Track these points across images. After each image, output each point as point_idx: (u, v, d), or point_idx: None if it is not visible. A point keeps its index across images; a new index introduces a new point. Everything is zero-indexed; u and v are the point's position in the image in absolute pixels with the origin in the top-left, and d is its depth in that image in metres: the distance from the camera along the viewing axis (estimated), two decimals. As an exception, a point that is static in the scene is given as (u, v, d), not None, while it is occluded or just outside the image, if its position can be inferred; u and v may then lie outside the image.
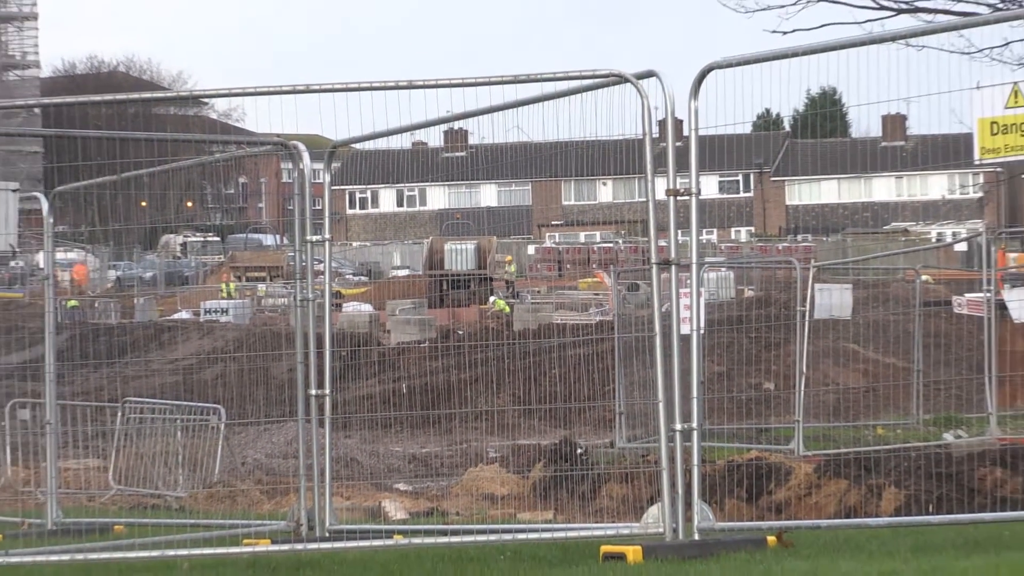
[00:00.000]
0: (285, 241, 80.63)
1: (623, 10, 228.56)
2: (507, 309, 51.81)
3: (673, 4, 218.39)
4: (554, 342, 29.39)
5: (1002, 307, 24.78)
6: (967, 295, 28.06)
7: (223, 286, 66.23)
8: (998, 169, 30.03)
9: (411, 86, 14.29)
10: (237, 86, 17.20)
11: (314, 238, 15.29)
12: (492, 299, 55.88)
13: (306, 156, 15.18)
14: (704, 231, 13.56)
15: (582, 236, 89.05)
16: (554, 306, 52.67)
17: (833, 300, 24.35)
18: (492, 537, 13.49)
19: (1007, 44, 20.33)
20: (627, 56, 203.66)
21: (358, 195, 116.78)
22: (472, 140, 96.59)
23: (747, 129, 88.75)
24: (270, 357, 24.96)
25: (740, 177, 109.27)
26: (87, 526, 16.65)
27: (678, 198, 12.70)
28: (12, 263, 57.85)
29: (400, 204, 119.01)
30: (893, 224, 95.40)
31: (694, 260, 13.07)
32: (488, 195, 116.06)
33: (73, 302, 52.38)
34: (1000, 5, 21.12)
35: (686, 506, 12.47)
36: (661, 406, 12.58)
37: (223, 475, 20.78)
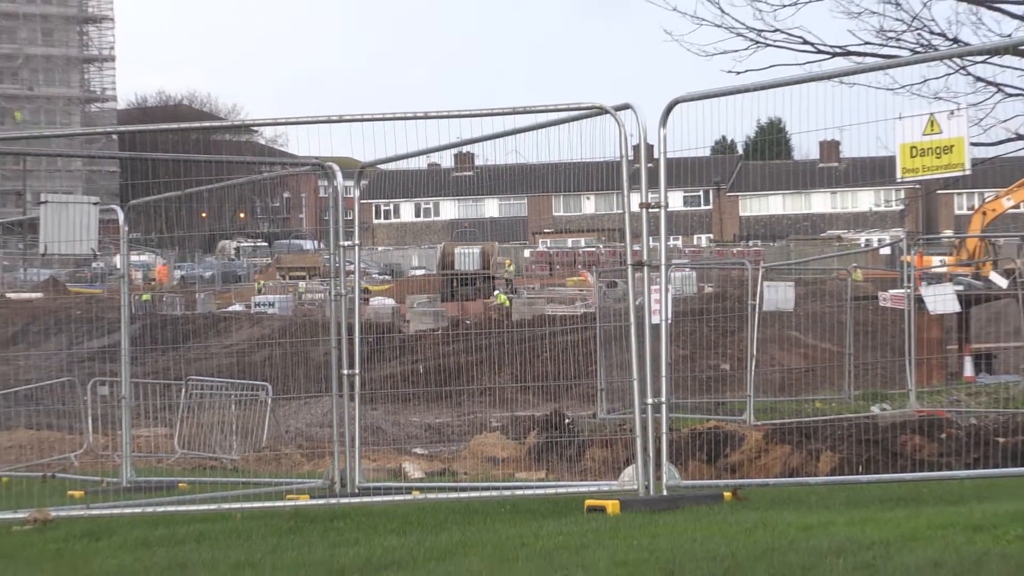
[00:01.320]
0: (322, 246, 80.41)
1: (604, 46, 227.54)
2: (507, 303, 51.74)
3: (646, 43, 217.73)
4: (546, 330, 29.44)
5: (920, 301, 24.84)
6: (890, 291, 28.01)
7: (257, 284, 66.43)
8: (917, 186, 29.99)
9: (427, 116, 14.32)
10: (282, 117, 17.40)
11: (346, 243, 15.32)
12: (495, 293, 55.87)
13: (339, 175, 15.22)
14: (671, 238, 13.58)
15: (569, 242, 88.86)
16: (546, 300, 52.65)
17: (778, 295, 24.37)
18: (494, 493, 13.53)
19: (924, 81, 20.32)
20: (607, 87, 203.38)
21: (382, 207, 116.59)
22: (478, 161, 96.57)
23: (707, 152, 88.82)
24: (309, 342, 24.95)
25: (701, 192, 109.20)
26: (156, 484, 16.64)
27: (649, 210, 12.71)
28: (93, 264, 57.78)
29: (417, 215, 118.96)
30: (829, 231, 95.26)
31: (663, 262, 13.09)
32: (491, 208, 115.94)
33: (146, 296, 52.43)
34: (919, 49, 21.12)
35: (656, 467, 12.50)
36: (635, 383, 12.60)
37: (270, 441, 20.78)
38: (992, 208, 47.38)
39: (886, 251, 43.91)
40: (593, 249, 72.54)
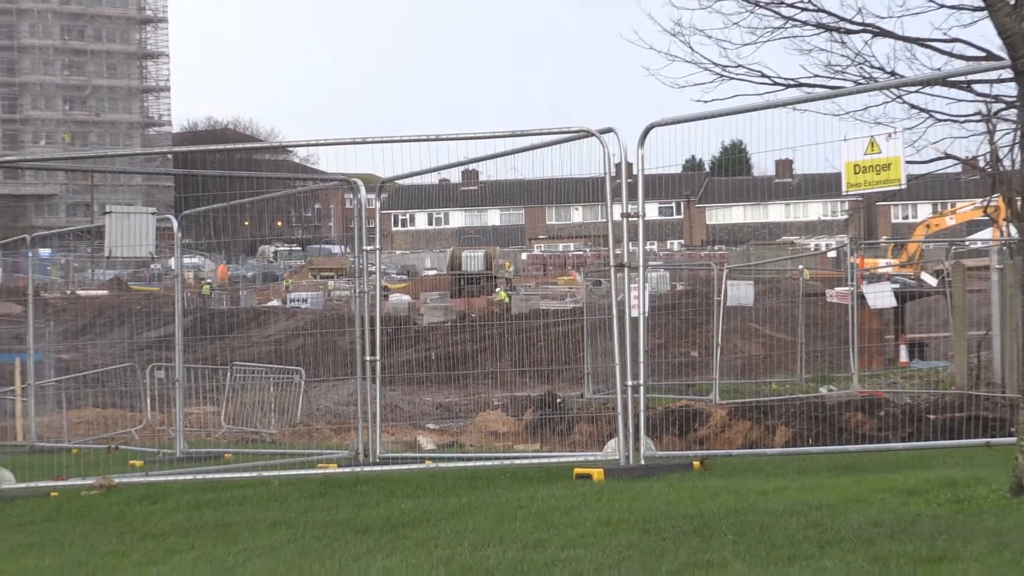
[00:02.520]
0: (348, 250, 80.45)
1: (588, 74, 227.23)
2: (507, 299, 51.75)
3: (626, 73, 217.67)
4: (540, 322, 29.42)
5: (861, 297, 24.83)
6: (836, 288, 28.02)
7: (284, 282, 66.56)
8: (859, 199, 29.99)
9: (438, 139, 14.31)
10: (313, 139, 17.38)
11: (368, 248, 15.31)
12: (497, 290, 55.90)
13: (363, 189, 15.21)
14: (648, 243, 13.52)
15: (560, 246, 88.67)
16: (540, 296, 52.64)
17: (740, 292, 24.43)
18: (496, 463, 13.51)
19: (866, 108, 20.28)
20: (593, 109, 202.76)
21: (400, 217, 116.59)
22: (482, 177, 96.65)
23: (678, 169, 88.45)
24: (336, 333, 24.93)
25: (673, 204, 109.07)
26: (205, 454, 16.67)
27: (629, 219, 12.71)
28: (151, 266, 57.78)
29: (430, 223, 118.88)
30: (783, 237, 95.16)
31: (641, 263, 13.09)
32: (493, 217, 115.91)
33: (206, 289, 52.65)
34: (861, 80, 21.10)
35: (635, 440, 12.49)
36: (617, 368, 12.59)
37: (303, 418, 20.78)
38: (936, 223, 47.78)
39: (832, 254, 43.84)
40: (581, 253, 72.37)
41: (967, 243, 39.93)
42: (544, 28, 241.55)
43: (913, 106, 21.49)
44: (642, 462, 12.36)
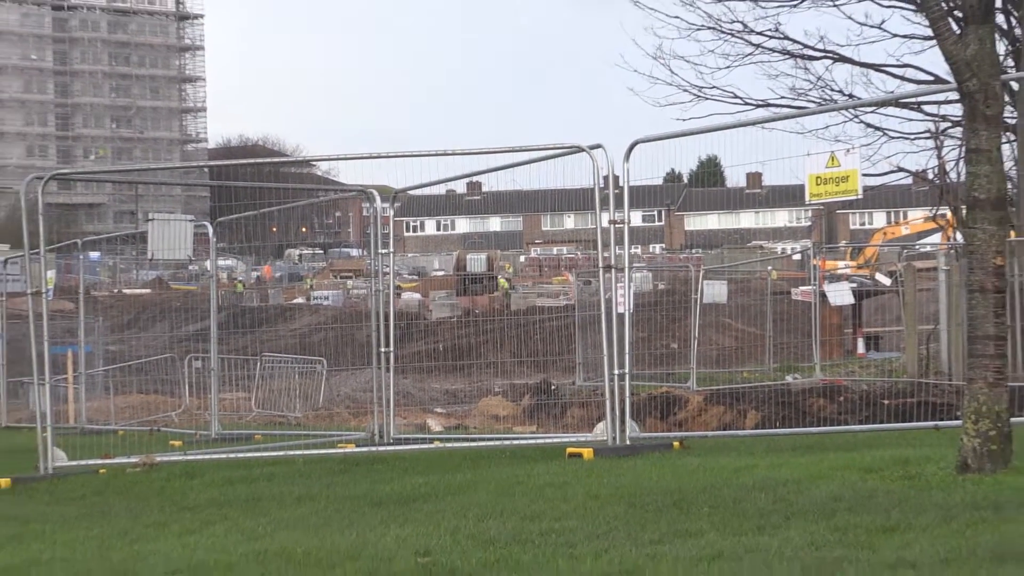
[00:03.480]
0: (365, 253, 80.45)
1: (579, 91, 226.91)
2: (506, 285, 52.00)
3: (614, 92, 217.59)
4: (537, 318, 29.40)
5: (823, 296, 24.82)
6: (800, 288, 28.01)
7: (307, 281, 66.60)
8: (821, 207, 29.95)
9: (445, 153, 14.30)
10: (333, 153, 17.46)
11: (383, 251, 15.30)
12: (499, 277, 56.39)
13: (378, 199, 15.20)
14: (632, 247, 13.53)
15: (555, 250, 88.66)
16: (536, 294, 52.54)
17: (715, 291, 24.38)
18: (497, 443, 13.52)
19: (827, 127, 20.33)
20: (583, 125, 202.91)
21: (411, 223, 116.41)
22: (484, 188, 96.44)
23: (659, 181, 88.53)
24: (355, 327, 24.84)
25: (655, 212, 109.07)
26: (237, 435, 16.64)
27: (616, 226, 12.70)
28: (189, 267, 57.77)
29: (438, 229, 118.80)
30: (753, 242, 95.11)
31: (626, 265, 13.08)
32: (494, 224, 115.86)
33: (240, 287, 52.71)
34: (822, 102, 21.14)
35: (621, 423, 12.49)
36: (605, 358, 12.58)
37: (324, 403, 20.75)
38: (892, 231, 48.06)
39: (797, 257, 43.87)
40: (573, 255, 72.36)
41: (917, 247, 39.95)
42: (543, 54, 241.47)
43: (869, 125, 21.56)
44: (627, 443, 12.35)
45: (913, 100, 21.35)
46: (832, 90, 21.58)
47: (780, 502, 8.18)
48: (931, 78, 20.65)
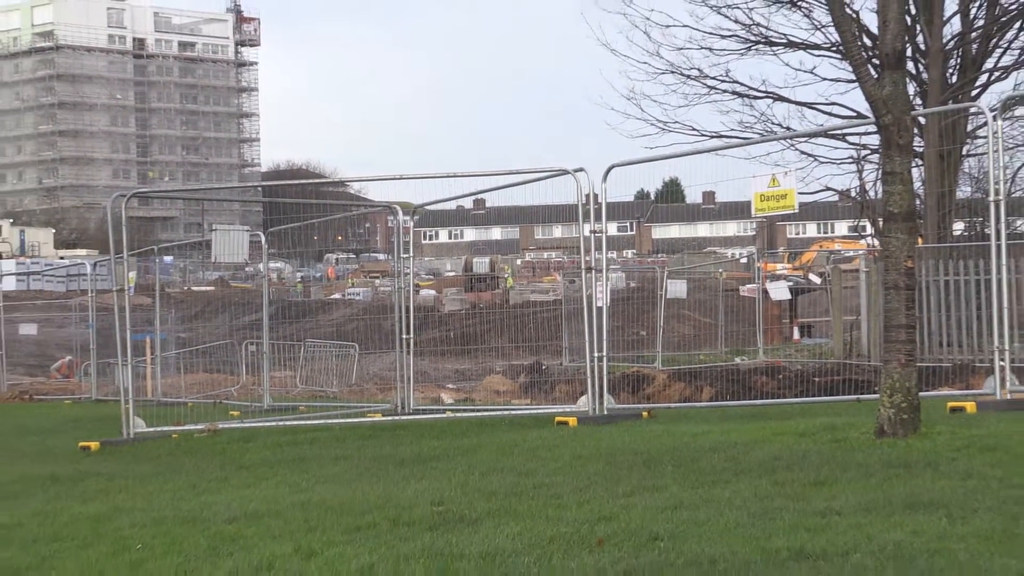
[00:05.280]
0: (389, 257, 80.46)
1: (567, 120, 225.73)
2: (511, 282, 52.09)
3: (594, 122, 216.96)
4: (531, 310, 29.35)
5: (765, 292, 24.82)
6: (747, 285, 28.03)
7: (350, 281, 66.61)
8: (764, 220, 29.93)
9: (455, 175, 14.34)
10: (364, 176, 17.41)
11: (404, 256, 15.32)
12: (506, 276, 56.63)
13: (400, 213, 15.20)
14: (609, 252, 13.53)
15: (545, 254, 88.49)
16: (531, 291, 52.49)
17: (676, 288, 24.31)
18: (498, 413, 13.53)
19: (768, 154, 20.32)
20: (570, 146, 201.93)
21: (427, 232, 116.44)
22: (488, 204, 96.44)
23: (631, 198, 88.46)
24: (381, 317, 24.78)
25: (628, 223, 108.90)
26: (285, 406, 16.63)
27: (596, 235, 12.72)
28: (246, 269, 57.77)
29: (450, 238, 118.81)
30: (708, 248, 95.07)
31: (604, 267, 13.07)
32: (496, 233, 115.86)
33: (299, 285, 52.71)
34: (765, 133, 21.10)
35: (600, 396, 12.49)
36: (587, 343, 12.61)
37: (357, 380, 20.71)
38: (827, 245, 48.08)
39: (744, 260, 43.92)
40: (560, 259, 72.28)
41: (842, 252, 39.94)
42: (537, 89, 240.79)
43: (803, 152, 21.52)
44: (605, 413, 12.35)
45: (839, 132, 21.35)
46: (773, 124, 21.56)
47: (730, 461, 8.18)
48: (854, 114, 20.64)
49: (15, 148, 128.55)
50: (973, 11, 20.43)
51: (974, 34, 20.29)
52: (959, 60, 20.31)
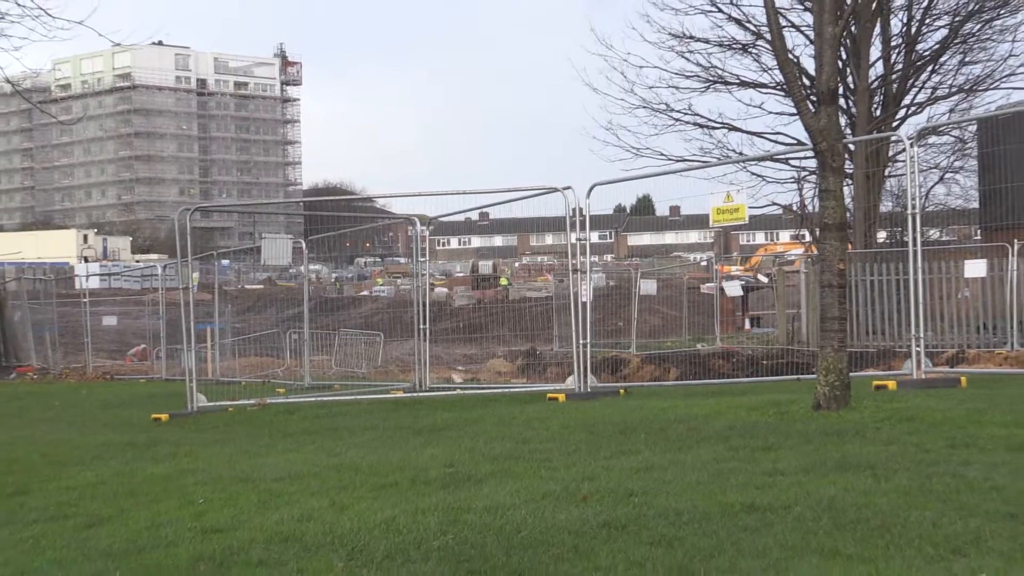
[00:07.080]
0: (409, 260, 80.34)
1: (558, 145, 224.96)
2: (507, 283, 51.85)
3: (579, 146, 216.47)
4: (527, 305, 29.33)
5: (722, 289, 24.80)
6: (706, 284, 27.99)
7: (377, 280, 66.53)
8: (720, 229, 29.90)
9: (464, 192, 14.26)
10: (388, 192, 17.35)
11: (421, 260, 15.32)
12: (501, 279, 56.23)
13: (418, 223, 15.21)
14: (592, 256, 13.53)
15: (539, 258, 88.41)
16: (527, 289, 52.44)
17: (648, 287, 24.25)
18: (500, 390, 13.53)
19: (724, 175, 20.40)
20: (555, 170, 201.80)
21: (441, 240, 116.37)
22: (491, 216, 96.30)
23: (611, 211, 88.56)
24: (402, 311, 24.77)
25: (608, 232, 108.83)
26: (322, 385, 16.64)
27: (581, 242, 12.72)
28: (290, 271, 57.75)
29: (459, 244, 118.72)
30: (674, 253, 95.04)
31: (588, 269, 13.06)
32: (498, 240, 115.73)
33: (338, 284, 52.61)
34: (721, 158, 21.10)
35: (584, 376, 12.50)
36: (573, 332, 12.61)
37: (382, 363, 20.70)
38: (771, 249, 48.01)
39: (704, 263, 43.90)
40: (551, 263, 72.22)
41: (786, 256, 39.87)
42: (534, 117, 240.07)
43: (753, 173, 21.53)
44: (589, 390, 12.36)
45: (783, 157, 21.36)
46: (728, 150, 21.59)
47: (693, 431, 8.18)
48: (795, 141, 20.66)
49: (99, 170, 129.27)
50: (893, 56, 20.52)
51: (894, 76, 20.35)
52: (882, 97, 20.37)
